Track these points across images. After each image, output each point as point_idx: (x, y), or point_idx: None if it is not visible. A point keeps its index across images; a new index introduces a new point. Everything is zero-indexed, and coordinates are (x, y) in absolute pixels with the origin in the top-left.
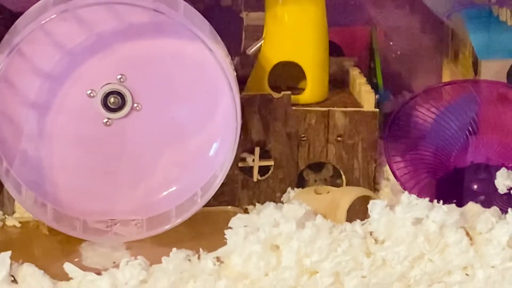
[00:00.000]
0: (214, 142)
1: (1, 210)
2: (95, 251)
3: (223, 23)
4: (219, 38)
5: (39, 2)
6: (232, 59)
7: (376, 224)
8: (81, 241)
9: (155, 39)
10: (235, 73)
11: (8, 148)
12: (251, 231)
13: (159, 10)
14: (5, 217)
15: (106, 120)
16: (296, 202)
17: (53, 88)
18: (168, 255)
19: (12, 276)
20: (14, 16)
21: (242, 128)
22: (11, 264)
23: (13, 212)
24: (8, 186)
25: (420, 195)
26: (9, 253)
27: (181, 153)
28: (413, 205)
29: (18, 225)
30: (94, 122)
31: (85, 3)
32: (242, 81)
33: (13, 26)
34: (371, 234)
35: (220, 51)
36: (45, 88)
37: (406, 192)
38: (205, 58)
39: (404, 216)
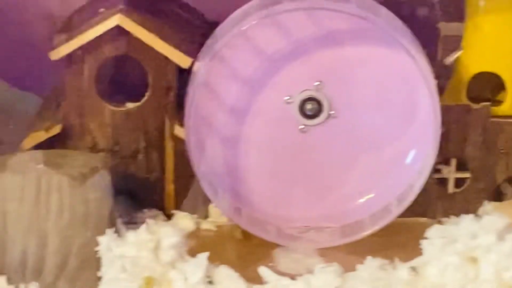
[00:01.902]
0: (411, 150)
1: (196, 214)
2: (289, 256)
3: (418, 33)
4: (419, 45)
5: (241, 8)
6: None
7: None
8: (274, 246)
9: (355, 46)
10: (435, 81)
11: (206, 151)
12: (448, 242)
13: (362, 16)
14: (200, 221)
15: (302, 126)
16: (495, 214)
17: (251, 94)
18: (361, 263)
19: (208, 277)
20: (208, 24)
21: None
22: (207, 266)
23: (207, 217)
24: (205, 189)
25: None
26: (206, 254)
27: (376, 161)
28: None
29: (214, 228)
30: (290, 129)
31: (286, 8)
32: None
33: (213, 33)
34: None
35: (421, 58)
36: (244, 93)
37: None
38: (406, 65)
39: None
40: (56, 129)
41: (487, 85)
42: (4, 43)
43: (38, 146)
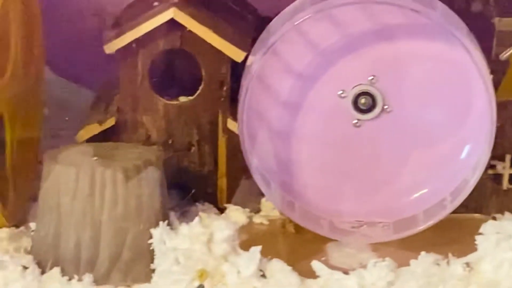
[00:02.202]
0: (466, 145)
1: (248, 208)
2: (341, 251)
3: (472, 28)
4: (475, 40)
5: (295, 2)
6: None
7: None
8: (327, 240)
9: (410, 40)
10: (491, 76)
11: (259, 145)
12: (504, 238)
13: (417, 9)
14: (252, 215)
15: (355, 121)
16: None
17: (304, 88)
18: (415, 259)
19: (261, 270)
20: (261, 19)
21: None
22: (260, 259)
23: (259, 211)
24: (258, 183)
25: None
26: (259, 247)
27: (430, 156)
28: None
29: (265, 222)
30: (344, 123)
31: (340, 2)
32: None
33: (267, 27)
34: None
35: (477, 52)
36: (297, 87)
37: None
38: (462, 59)
39: None
40: (110, 122)
41: None
42: (59, 38)
43: (92, 139)
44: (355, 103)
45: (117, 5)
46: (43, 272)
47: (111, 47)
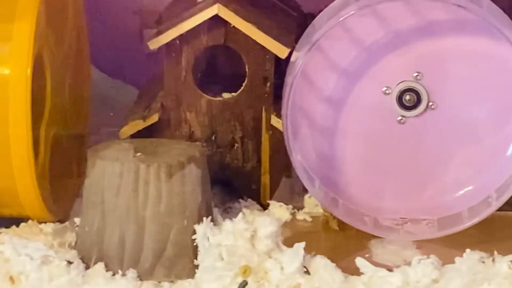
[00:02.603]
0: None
1: (291, 205)
2: (385, 248)
3: None
4: None
5: None
6: None
7: None
8: (370, 237)
9: (455, 36)
10: None
11: (303, 142)
12: None
13: (462, 5)
14: (295, 212)
15: (400, 118)
16: None
17: (348, 84)
18: (459, 256)
19: (304, 267)
20: (304, 16)
21: None
22: (304, 256)
23: (302, 207)
24: (301, 179)
25: None
26: (303, 244)
27: (475, 153)
28: None
29: (309, 219)
30: (388, 120)
31: None
32: None
33: (312, 23)
34: None
35: None
36: (341, 84)
37: None
38: (508, 55)
39: None
40: (154, 119)
41: None
42: (103, 36)
43: (136, 135)
44: (400, 99)
45: (160, 2)
46: (87, 267)
47: (155, 44)
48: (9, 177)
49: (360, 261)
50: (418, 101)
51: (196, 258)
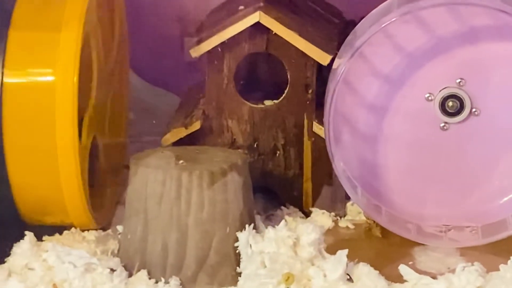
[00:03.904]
0: None
1: (334, 212)
2: (428, 255)
3: None
4: None
5: (382, 4)
6: None
7: None
8: (413, 245)
9: (498, 42)
10: None
11: (345, 149)
12: None
13: (506, 10)
14: (338, 219)
15: (443, 124)
16: None
17: (391, 91)
18: (504, 263)
19: (347, 274)
20: (346, 22)
21: None
22: (347, 263)
23: (345, 215)
24: (344, 186)
25: None
26: (346, 251)
27: None
28: None
29: (351, 226)
30: (431, 126)
31: (428, 4)
32: None
33: (354, 29)
34: None
35: None
36: (383, 90)
37: None
38: None
39: None
40: (196, 126)
41: None
42: (144, 43)
43: (178, 143)
44: (443, 106)
45: (200, 11)
46: (130, 275)
47: (197, 52)
48: (56, 186)
49: (403, 269)
50: (461, 107)
51: (238, 265)
